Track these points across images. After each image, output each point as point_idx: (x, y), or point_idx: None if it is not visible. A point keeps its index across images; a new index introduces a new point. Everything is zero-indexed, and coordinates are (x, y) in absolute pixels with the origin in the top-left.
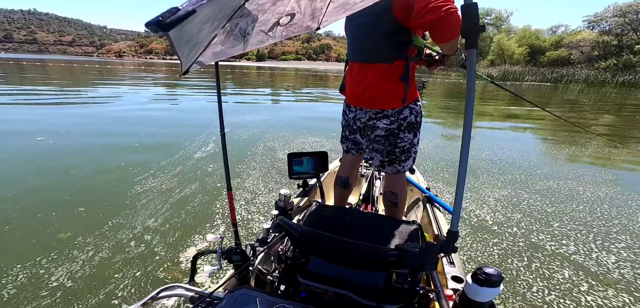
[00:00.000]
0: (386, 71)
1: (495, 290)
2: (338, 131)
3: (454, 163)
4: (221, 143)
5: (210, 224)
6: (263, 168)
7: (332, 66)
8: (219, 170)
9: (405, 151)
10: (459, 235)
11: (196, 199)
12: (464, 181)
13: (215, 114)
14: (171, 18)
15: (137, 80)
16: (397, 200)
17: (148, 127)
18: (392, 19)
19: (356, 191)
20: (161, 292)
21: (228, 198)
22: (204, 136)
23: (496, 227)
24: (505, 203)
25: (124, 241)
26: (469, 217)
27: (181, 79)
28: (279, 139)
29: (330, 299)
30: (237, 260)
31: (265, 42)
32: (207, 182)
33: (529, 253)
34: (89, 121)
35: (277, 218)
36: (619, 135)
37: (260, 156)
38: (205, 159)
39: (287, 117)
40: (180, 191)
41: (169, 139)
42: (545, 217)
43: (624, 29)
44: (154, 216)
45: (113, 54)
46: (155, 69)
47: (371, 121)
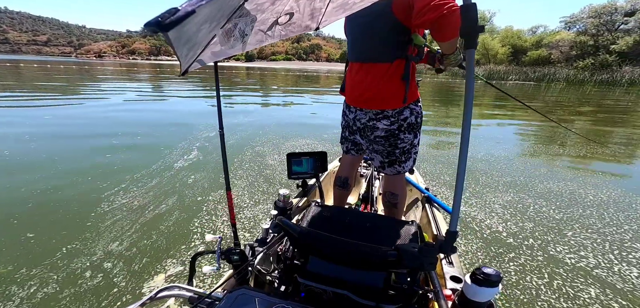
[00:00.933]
0: (386, 71)
1: (494, 290)
2: (331, 132)
3: (443, 163)
4: (220, 143)
5: (186, 245)
6: (255, 171)
7: (323, 66)
8: (200, 181)
9: (406, 152)
10: (458, 235)
11: (172, 217)
12: (463, 181)
13: (200, 117)
14: (170, 19)
15: (116, 80)
16: (396, 200)
17: (124, 132)
18: (392, 18)
19: (355, 191)
20: (160, 292)
21: (227, 198)
22: (187, 143)
23: (511, 239)
24: (513, 210)
25: (78, 272)
26: (479, 228)
27: (165, 80)
28: (270, 141)
29: (330, 299)
30: (236, 261)
31: (265, 41)
32: (187, 196)
33: (549, 269)
34: (54, 126)
35: (276, 218)
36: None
37: (250, 159)
38: (186, 169)
39: (278, 118)
40: (155, 209)
41: (146, 146)
42: (557, 225)
43: (599, 29)
44: (119, 239)
45: (93, 55)
46: (138, 69)
47: (371, 121)
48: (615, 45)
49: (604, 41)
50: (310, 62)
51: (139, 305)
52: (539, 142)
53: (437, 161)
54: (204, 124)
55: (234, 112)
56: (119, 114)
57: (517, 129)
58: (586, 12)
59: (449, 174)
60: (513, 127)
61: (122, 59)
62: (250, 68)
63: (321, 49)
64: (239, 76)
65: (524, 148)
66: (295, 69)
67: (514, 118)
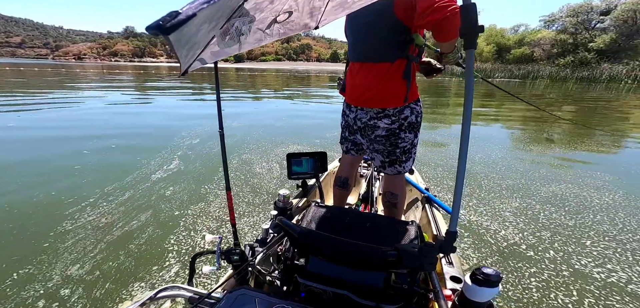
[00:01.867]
0: (388, 70)
1: (493, 290)
2: (324, 134)
3: (436, 161)
4: (220, 144)
5: (158, 266)
6: (241, 180)
7: (313, 66)
8: (179, 194)
9: (406, 151)
10: (458, 235)
11: (143, 235)
12: (463, 182)
13: (185, 121)
14: (172, 22)
15: (95, 82)
16: (396, 200)
17: (97, 139)
18: (394, 17)
19: (355, 191)
20: (160, 292)
21: (227, 198)
22: (168, 151)
23: (531, 252)
24: (524, 218)
25: (30, 301)
26: (494, 240)
27: (150, 82)
28: (261, 146)
29: (329, 299)
30: (236, 261)
31: (264, 41)
32: (163, 210)
33: (578, 286)
34: (19, 129)
35: (276, 218)
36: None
37: (237, 167)
38: (164, 181)
39: (269, 120)
40: (124, 226)
41: (121, 155)
42: (572, 233)
43: (577, 28)
44: (81, 261)
45: (72, 57)
46: (121, 71)
47: (372, 120)
48: (593, 43)
49: (583, 39)
50: (301, 63)
51: (139, 305)
52: (532, 140)
53: (429, 158)
54: (188, 130)
55: (224, 115)
56: (93, 118)
57: (505, 126)
58: (565, 12)
59: (439, 170)
60: (500, 124)
61: (104, 61)
62: (240, 69)
63: (311, 49)
64: (228, 77)
65: (519, 146)
66: (285, 70)
67: (500, 115)
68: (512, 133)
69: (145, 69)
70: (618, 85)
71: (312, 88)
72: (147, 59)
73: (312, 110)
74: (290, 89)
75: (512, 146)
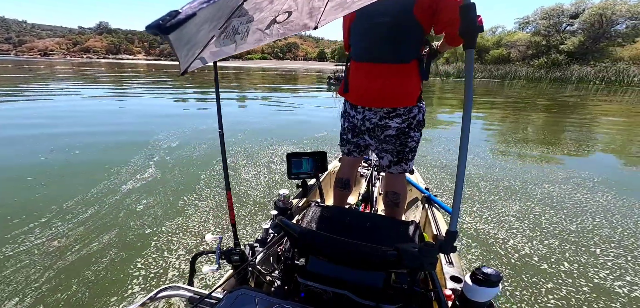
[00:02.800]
0: (404, 70)
1: (493, 290)
2: (312, 135)
3: (430, 159)
4: (220, 143)
5: (118, 295)
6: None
7: (301, 65)
8: (153, 208)
9: (413, 150)
10: (458, 235)
11: (104, 259)
12: (463, 181)
13: (164, 121)
14: (172, 22)
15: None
16: (398, 200)
17: (60, 143)
18: (413, 20)
19: (356, 191)
20: (160, 292)
21: (227, 198)
22: (143, 157)
23: (545, 265)
24: (529, 223)
25: None
26: (505, 252)
27: (123, 78)
28: (247, 150)
29: (329, 299)
30: (236, 261)
31: (263, 41)
32: (132, 229)
33: (602, 304)
34: None
35: (276, 218)
36: None
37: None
38: (136, 193)
39: (256, 119)
40: (82, 248)
41: (87, 163)
42: (579, 241)
43: (550, 30)
44: (20, 294)
45: (37, 53)
46: (93, 68)
47: (383, 120)
48: (563, 45)
49: (554, 41)
50: (288, 61)
51: (139, 305)
52: (515, 139)
53: (422, 158)
54: (167, 131)
55: (206, 116)
56: (57, 118)
57: (489, 125)
58: (538, 14)
59: (429, 166)
60: (483, 123)
61: (74, 57)
62: (224, 68)
63: (298, 48)
64: (210, 76)
65: (506, 146)
66: (272, 68)
67: (479, 114)
68: (492, 129)
69: (121, 66)
70: (587, 85)
71: (300, 85)
72: (124, 56)
73: (301, 110)
74: (277, 88)
75: (495, 142)
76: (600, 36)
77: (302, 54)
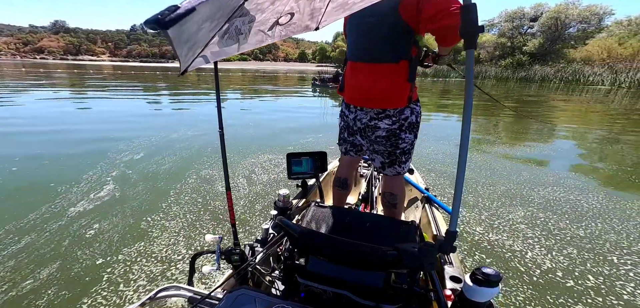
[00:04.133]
0: (391, 71)
1: (493, 290)
2: (302, 137)
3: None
4: (220, 144)
5: None
6: (192, 202)
7: (281, 66)
8: (108, 233)
9: (406, 152)
10: (458, 235)
11: (40, 301)
12: (463, 182)
13: (125, 128)
14: (170, 16)
15: (10, 81)
16: (395, 201)
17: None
18: (399, 19)
19: (355, 191)
20: (160, 292)
21: (227, 198)
22: (99, 172)
23: (571, 281)
24: (538, 231)
25: None
26: (525, 271)
27: (83, 81)
28: (240, 149)
29: (329, 299)
30: (236, 261)
31: (265, 41)
32: (78, 261)
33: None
34: None
35: (276, 218)
36: None
37: (200, 179)
38: (88, 216)
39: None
40: (10, 289)
41: (29, 180)
42: (594, 248)
43: (513, 32)
44: None
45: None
46: (48, 70)
47: (372, 121)
48: (526, 46)
49: (518, 43)
50: (268, 63)
51: (139, 305)
52: (505, 137)
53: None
54: (129, 141)
55: (180, 121)
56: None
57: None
58: (503, 17)
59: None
60: (456, 117)
61: (25, 58)
62: (201, 69)
63: (278, 49)
64: (189, 77)
65: (497, 146)
66: (252, 70)
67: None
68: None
69: (82, 68)
70: (549, 84)
71: (283, 87)
72: (85, 57)
73: (288, 114)
74: (259, 90)
75: (495, 146)
76: (557, 38)
77: (283, 55)
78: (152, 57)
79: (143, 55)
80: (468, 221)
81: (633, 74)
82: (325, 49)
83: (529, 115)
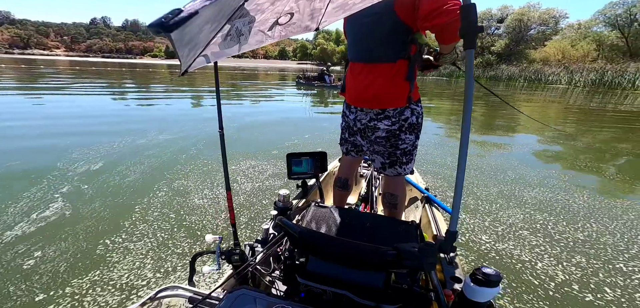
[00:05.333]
0: (390, 71)
1: (494, 290)
2: (287, 140)
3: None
4: (220, 144)
5: None
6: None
7: (261, 63)
8: (50, 262)
9: (407, 153)
10: (458, 235)
11: None
12: (463, 182)
13: (83, 130)
14: (174, 20)
15: None
16: (396, 201)
17: None
18: (395, 18)
19: (355, 191)
20: (160, 292)
21: (227, 198)
22: (45, 187)
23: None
24: (539, 233)
25: None
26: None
27: (31, 76)
28: (199, 164)
29: (329, 299)
30: (236, 261)
31: (265, 42)
32: (12, 297)
33: None
34: None
35: (276, 218)
36: None
37: (173, 191)
38: (27, 241)
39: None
40: None
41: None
42: (600, 254)
43: (482, 33)
44: None
45: None
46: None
47: (372, 122)
48: (494, 47)
49: (487, 43)
50: (247, 60)
51: (139, 305)
52: (502, 139)
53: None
54: (88, 148)
55: (148, 122)
56: None
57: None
58: None
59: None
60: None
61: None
62: (173, 66)
63: None
64: (159, 73)
65: (491, 146)
66: (230, 67)
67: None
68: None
69: (31, 63)
70: (514, 83)
71: (264, 84)
72: (35, 50)
73: (274, 116)
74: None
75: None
76: (520, 40)
77: (263, 53)
78: (118, 53)
79: (106, 50)
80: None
81: (586, 74)
82: (306, 47)
83: (542, 121)
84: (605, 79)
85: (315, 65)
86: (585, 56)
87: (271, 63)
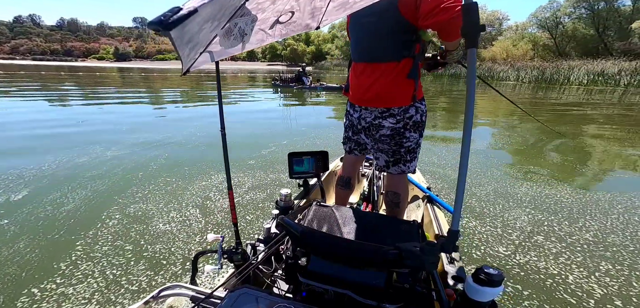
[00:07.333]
0: (394, 69)
1: (496, 289)
2: (264, 148)
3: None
4: (222, 143)
5: None
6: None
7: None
8: None
9: (411, 151)
10: (460, 235)
11: None
12: (465, 181)
13: (26, 136)
14: (173, 18)
15: None
16: (398, 200)
17: None
18: (398, 17)
19: (357, 190)
20: (162, 291)
21: (229, 197)
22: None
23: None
24: (543, 236)
25: None
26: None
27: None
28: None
29: (331, 299)
30: (238, 260)
31: (265, 41)
32: None
33: None
34: None
35: (278, 218)
36: None
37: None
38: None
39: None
40: None
41: None
42: (611, 259)
43: None
44: None
45: None
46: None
47: (377, 120)
48: None
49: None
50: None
51: (142, 304)
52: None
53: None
54: (4, 173)
55: (102, 126)
56: None
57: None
58: None
59: None
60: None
61: None
62: (125, 69)
63: None
64: (109, 78)
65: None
66: (193, 71)
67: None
68: None
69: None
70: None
71: (235, 87)
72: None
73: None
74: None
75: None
76: None
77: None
78: (52, 54)
79: (36, 51)
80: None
81: (530, 72)
82: (276, 48)
83: (553, 128)
84: (545, 76)
85: (285, 66)
86: (524, 54)
87: (240, 65)
